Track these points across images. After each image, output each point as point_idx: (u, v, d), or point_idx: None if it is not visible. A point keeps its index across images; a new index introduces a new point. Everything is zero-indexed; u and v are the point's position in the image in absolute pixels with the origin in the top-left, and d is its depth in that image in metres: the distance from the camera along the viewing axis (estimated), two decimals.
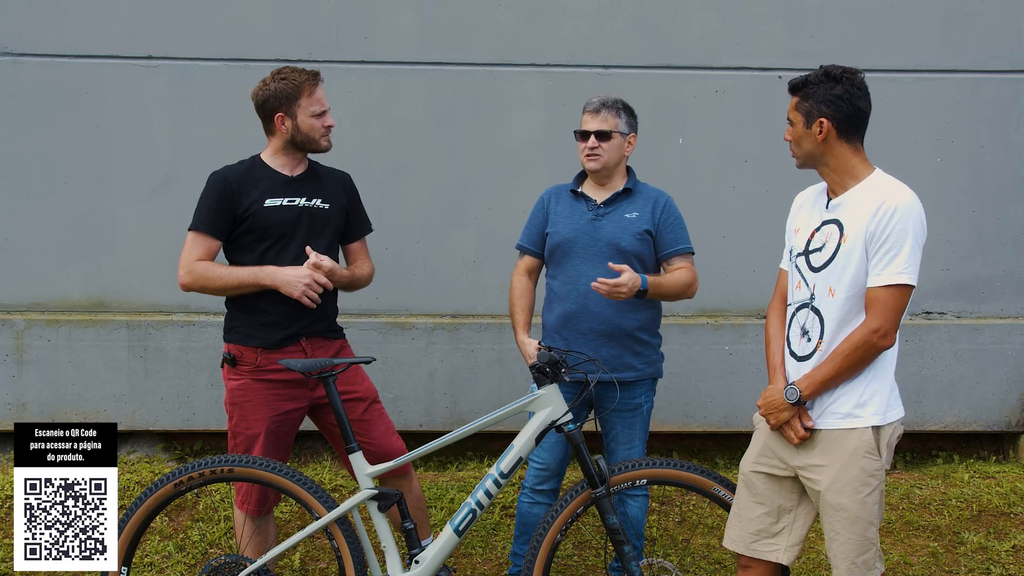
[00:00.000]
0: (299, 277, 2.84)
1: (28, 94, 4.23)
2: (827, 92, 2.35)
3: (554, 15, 4.29)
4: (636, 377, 3.07)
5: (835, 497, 2.33)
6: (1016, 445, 4.45)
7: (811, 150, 2.40)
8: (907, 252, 2.26)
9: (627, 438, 3.11)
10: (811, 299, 2.41)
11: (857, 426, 2.34)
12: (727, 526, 2.59)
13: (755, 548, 2.50)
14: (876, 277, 2.29)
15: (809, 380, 2.36)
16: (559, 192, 3.21)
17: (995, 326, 4.38)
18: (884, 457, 2.36)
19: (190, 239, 2.89)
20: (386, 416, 3.07)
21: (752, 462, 2.54)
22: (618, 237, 3.04)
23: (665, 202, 3.12)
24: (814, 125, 2.37)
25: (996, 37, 4.33)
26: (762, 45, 4.31)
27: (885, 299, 2.28)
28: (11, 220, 4.27)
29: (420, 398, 4.32)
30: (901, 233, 2.26)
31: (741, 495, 2.56)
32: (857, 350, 2.30)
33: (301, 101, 2.87)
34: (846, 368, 2.32)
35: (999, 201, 4.39)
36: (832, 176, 2.41)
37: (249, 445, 2.90)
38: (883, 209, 2.27)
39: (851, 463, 2.32)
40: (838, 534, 2.34)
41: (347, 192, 3.08)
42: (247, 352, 2.88)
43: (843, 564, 2.35)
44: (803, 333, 2.43)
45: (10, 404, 4.25)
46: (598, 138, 3.05)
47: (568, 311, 3.06)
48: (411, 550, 2.78)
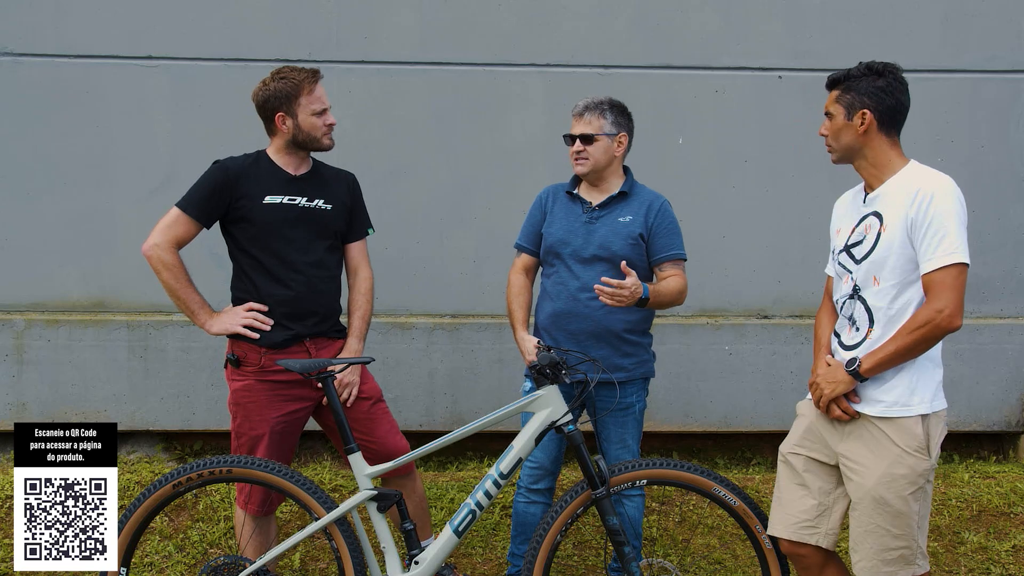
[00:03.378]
0: (236, 318, 2.87)
1: (28, 94, 4.23)
2: (870, 85, 2.39)
3: (554, 15, 4.29)
4: (627, 377, 3.07)
5: (882, 492, 2.33)
6: (1016, 445, 4.45)
7: (851, 142, 2.43)
8: (954, 232, 2.27)
9: (619, 437, 3.11)
10: (856, 290, 2.44)
11: (905, 415, 2.35)
12: (771, 513, 2.61)
13: (800, 533, 2.52)
14: (929, 262, 2.29)
15: (871, 356, 2.36)
16: (557, 192, 3.20)
17: (995, 326, 4.38)
18: (933, 456, 2.38)
19: (174, 215, 2.87)
20: (390, 416, 3.07)
21: (794, 444, 2.57)
22: (610, 240, 3.03)
23: (660, 206, 3.08)
24: (856, 117, 2.40)
25: (996, 37, 4.32)
26: (762, 45, 4.31)
27: (942, 279, 2.28)
28: (11, 220, 4.27)
29: (420, 398, 4.32)
30: (943, 216, 2.28)
31: (782, 478, 2.58)
32: (920, 328, 2.30)
33: (301, 100, 2.86)
34: (908, 346, 2.32)
35: (999, 201, 4.39)
36: (870, 169, 2.44)
37: (253, 446, 2.90)
38: (920, 196, 2.30)
39: (900, 461, 2.34)
40: (876, 527, 2.35)
41: (351, 192, 3.08)
42: (251, 353, 2.88)
43: (872, 559, 2.36)
44: (851, 323, 2.45)
45: (10, 404, 4.25)
46: (583, 141, 3.04)
47: (558, 311, 3.06)
48: (411, 551, 2.78)
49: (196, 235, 2.91)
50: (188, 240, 2.89)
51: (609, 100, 3.08)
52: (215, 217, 2.90)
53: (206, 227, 2.92)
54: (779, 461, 2.62)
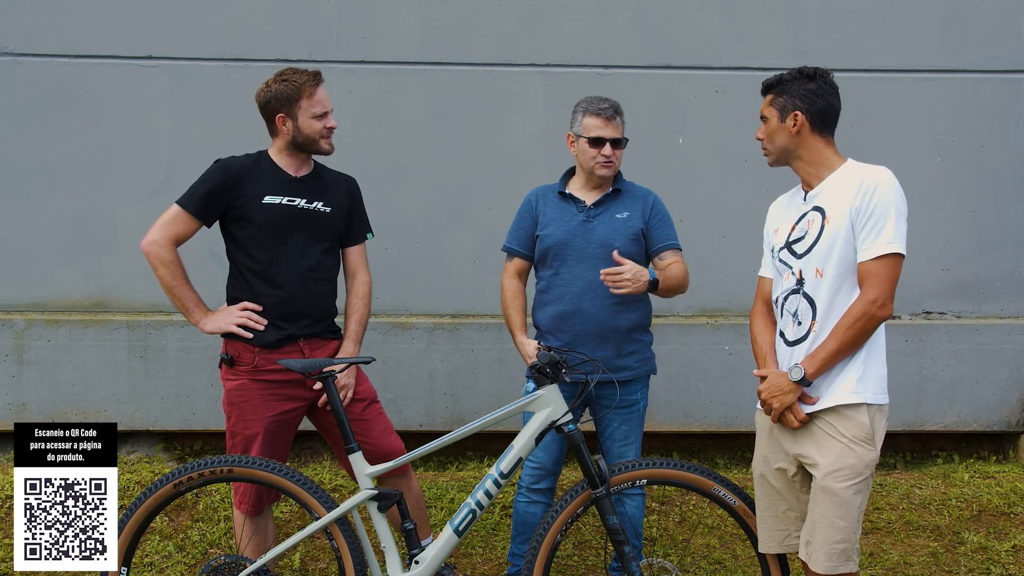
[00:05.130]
0: (230, 317, 2.87)
1: (28, 94, 4.23)
2: (801, 88, 2.47)
3: (554, 15, 4.29)
4: (632, 376, 3.09)
5: (830, 482, 2.36)
6: (1016, 445, 4.45)
7: (785, 143, 2.50)
8: (893, 223, 2.33)
9: (623, 435, 3.12)
10: (799, 284, 2.46)
11: (855, 401, 2.37)
12: (758, 532, 2.63)
13: (789, 544, 2.55)
14: (866, 251, 2.35)
15: (812, 359, 2.39)
16: (545, 193, 3.20)
17: (995, 326, 4.38)
18: (877, 448, 2.40)
19: (173, 212, 2.87)
20: (385, 416, 3.07)
21: (762, 460, 2.59)
22: (611, 238, 3.04)
23: (654, 200, 3.15)
24: (788, 119, 2.47)
25: (996, 37, 4.33)
26: (762, 45, 4.31)
27: (879, 270, 2.33)
28: (11, 220, 4.27)
29: (420, 398, 4.31)
30: (884, 206, 2.34)
31: (760, 498, 2.61)
32: (857, 322, 2.34)
33: (302, 103, 2.86)
34: (847, 342, 2.35)
35: (999, 201, 4.39)
36: (807, 168, 2.50)
37: (247, 445, 2.90)
38: (864, 186, 2.36)
39: (848, 451, 2.36)
40: (824, 517, 2.37)
41: (350, 196, 3.07)
42: (245, 352, 2.88)
43: (823, 548, 2.38)
44: (794, 318, 2.48)
45: (10, 404, 4.25)
46: (614, 146, 3.04)
47: (562, 312, 3.06)
48: (411, 550, 2.78)
49: (195, 233, 2.91)
50: (187, 237, 2.90)
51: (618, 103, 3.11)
52: (214, 215, 2.90)
53: (206, 225, 2.92)
54: (754, 480, 2.64)
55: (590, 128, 3.04)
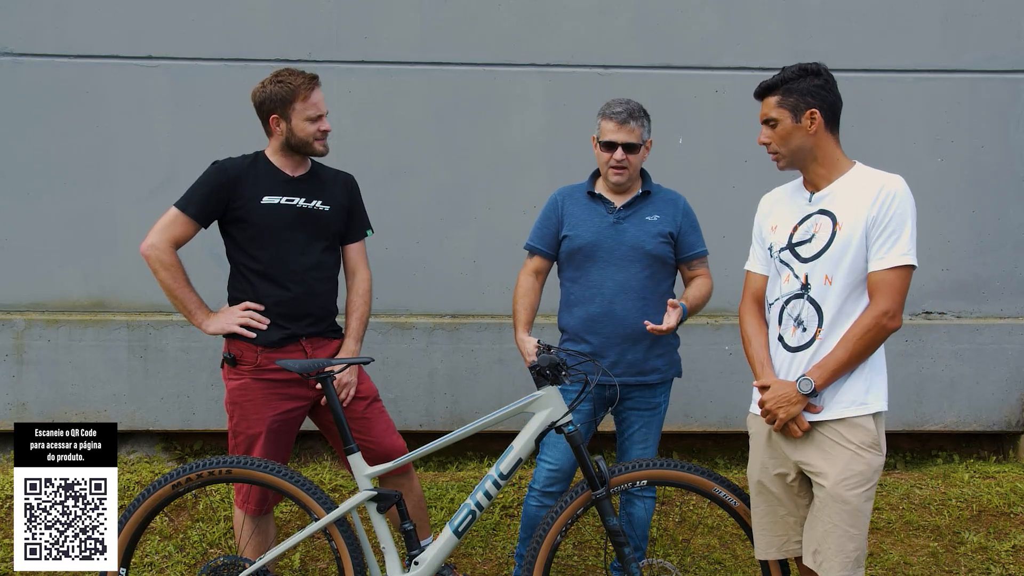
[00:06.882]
0: (232, 318, 2.88)
1: (28, 94, 4.23)
2: (810, 84, 2.38)
3: (554, 15, 4.29)
4: (660, 379, 3.09)
5: (841, 491, 2.32)
6: (1016, 445, 4.45)
7: (801, 144, 2.41)
8: (908, 234, 2.30)
9: (643, 437, 3.11)
10: (804, 289, 2.40)
11: (864, 412, 2.35)
12: (755, 540, 2.58)
13: (788, 549, 2.51)
14: (880, 261, 2.31)
15: (822, 369, 2.34)
16: (572, 193, 3.16)
17: (995, 326, 4.38)
18: (883, 453, 2.38)
19: (172, 215, 2.88)
20: (387, 415, 3.07)
21: (760, 469, 2.53)
22: (642, 240, 3.02)
23: (684, 204, 3.14)
24: (804, 118, 2.38)
25: (996, 37, 4.32)
26: (762, 45, 4.31)
27: (892, 281, 2.30)
28: (11, 220, 4.27)
29: (420, 398, 4.32)
30: (901, 216, 2.30)
31: (758, 505, 2.55)
32: (867, 333, 2.31)
33: (296, 105, 2.86)
34: (857, 353, 2.32)
35: (999, 201, 4.39)
36: (819, 170, 2.43)
37: (250, 445, 2.90)
38: (883, 194, 2.31)
39: (857, 458, 2.33)
40: (836, 527, 2.34)
41: (349, 193, 3.07)
42: (247, 352, 2.88)
43: (838, 557, 2.34)
44: (797, 324, 2.42)
45: (10, 404, 4.25)
46: (626, 151, 3.00)
47: (592, 314, 3.04)
48: (410, 551, 2.78)
49: (194, 235, 2.92)
50: (186, 240, 2.90)
51: (641, 106, 3.06)
52: (213, 217, 2.91)
53: (204, 227, 2.92)
54: (751, 488, 2.58)
55: (604, 132, 3.03)
